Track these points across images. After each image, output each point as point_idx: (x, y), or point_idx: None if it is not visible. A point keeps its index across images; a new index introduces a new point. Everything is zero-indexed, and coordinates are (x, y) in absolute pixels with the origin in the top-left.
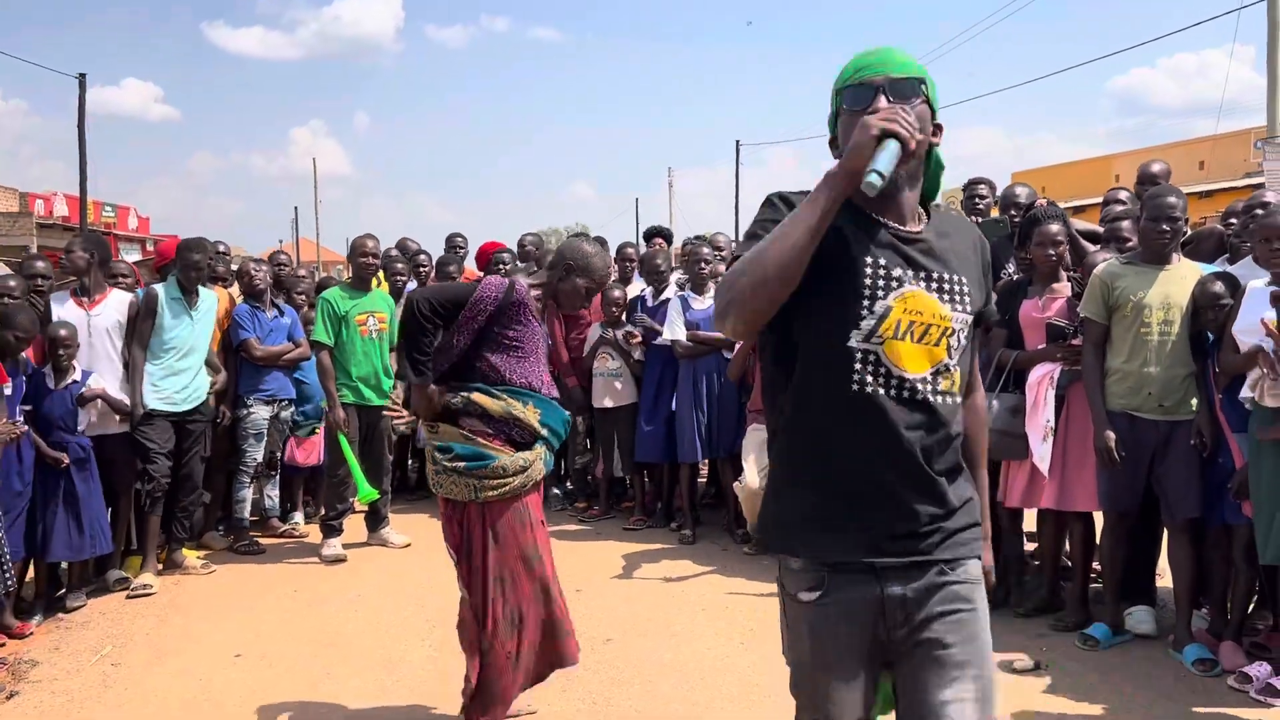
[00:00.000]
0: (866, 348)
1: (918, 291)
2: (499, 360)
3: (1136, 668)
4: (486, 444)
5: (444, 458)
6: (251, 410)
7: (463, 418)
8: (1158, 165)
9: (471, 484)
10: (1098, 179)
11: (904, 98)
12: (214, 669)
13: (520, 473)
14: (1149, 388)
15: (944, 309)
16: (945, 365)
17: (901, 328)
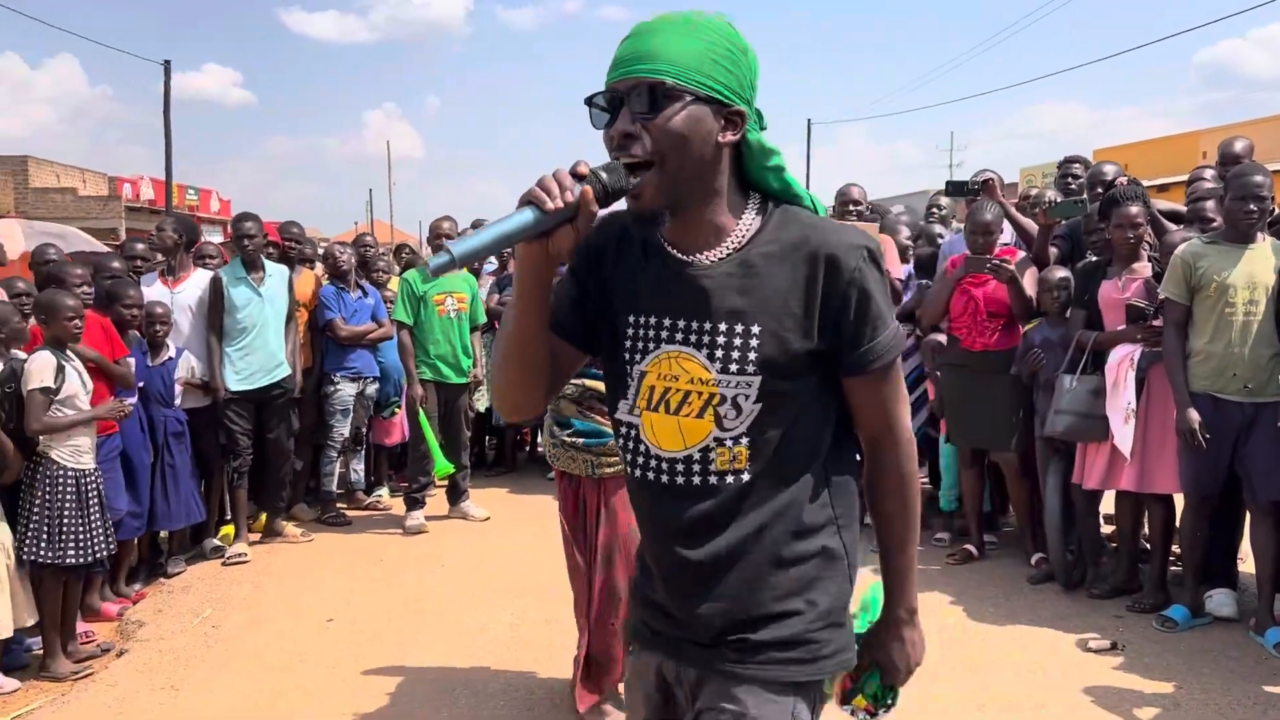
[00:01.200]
0: (630, 421)
1: (674, 352)
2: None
3: (1215, 650)
4: (601, 420)
5: (563, 432)
6: (338, 387)
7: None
8: (1240, 143)
9: (589, 460)
10: (1184, 155)
11: (643, 109)
12: (307, 633)
13: None
14: (1233, 369)
15: (707, 371)
16: (717, 439)
17: (655, 396)
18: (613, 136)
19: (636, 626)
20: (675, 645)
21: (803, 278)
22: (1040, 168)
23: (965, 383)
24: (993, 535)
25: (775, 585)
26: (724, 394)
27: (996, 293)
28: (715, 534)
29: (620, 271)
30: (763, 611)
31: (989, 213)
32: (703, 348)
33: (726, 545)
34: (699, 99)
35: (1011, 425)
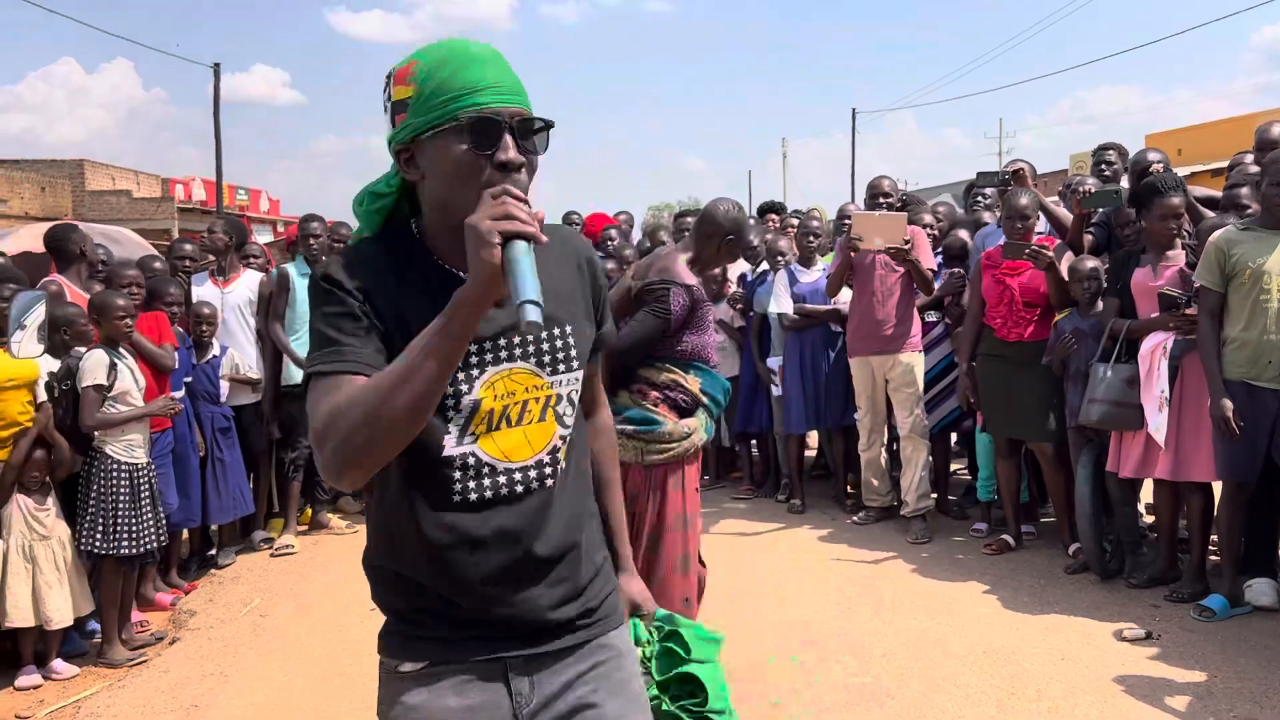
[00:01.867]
0: (462, 453)
1: (506, 370)
2: (670, 340)
3: (1254, 639)
4: (653, 409)
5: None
6: None
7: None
8: (1277, 128)
9: (639, 447)
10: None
11: (533, 147)
12: (352, 622)
13: (685, 438)
14: (1269, 356)
15: (539, 377)
16: (562, 437)
17: (495, 417)
18: (509, 162)
19: (430, 651)
20: (505, 644)
21: (580, 277)
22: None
23: (1001, 373)
24: (1030, 525)
25: (591, 552)
26: (559, 393)
27: (1033, 282)
28: (559, 524)
29: (416, 303)
30: (589, 578)
31: (1024, 197)
32: (530, 357)
33: (568, 532)
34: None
35: (1048, 415)
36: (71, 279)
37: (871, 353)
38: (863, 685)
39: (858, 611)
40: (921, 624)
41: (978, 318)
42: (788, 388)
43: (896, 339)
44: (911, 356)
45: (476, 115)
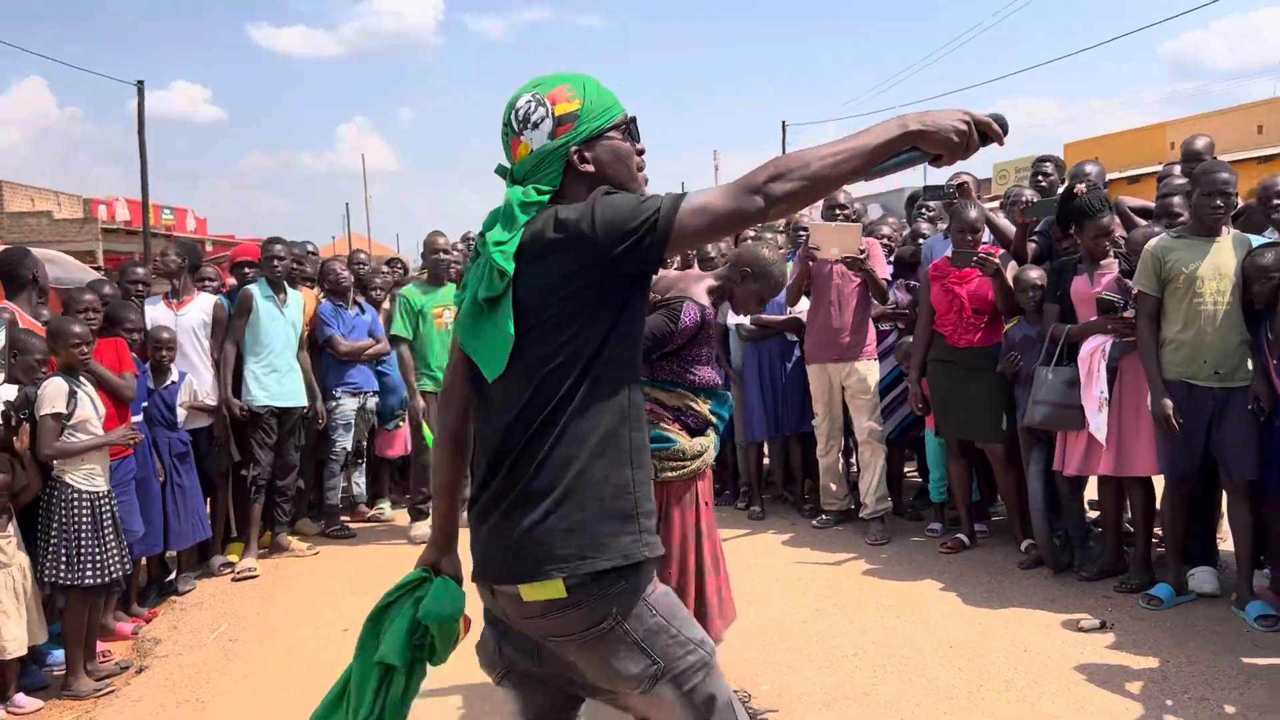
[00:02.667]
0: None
1: None
2: (678, 365)
3: (1200, 625)
4: (667, 428)
5: None
6: (339, 402)
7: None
8: (1201, 141)
9: (653, 464)
10: (1152, 147)
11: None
12: (324, 643)
13: (697, 457)
14: (1204, 356)
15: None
16: None
17: None
18: (643, 149)
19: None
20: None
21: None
22: (1013, 163)
23: (952, 378)
24: (982, 524)
25: None
26: None
27: (980, 290)
28: None
29: None
30: None
31: (973, 210)
32: None
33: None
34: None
35: (997, 417)
36: (21, 305)
37: (829, 360)
38: (839, 684)
39: (826, 613)
40: (889, 622)
41: (928, 326)
42: (747, 397)
43: (853, 347)
44: (868, 364)
45: (626, 119)
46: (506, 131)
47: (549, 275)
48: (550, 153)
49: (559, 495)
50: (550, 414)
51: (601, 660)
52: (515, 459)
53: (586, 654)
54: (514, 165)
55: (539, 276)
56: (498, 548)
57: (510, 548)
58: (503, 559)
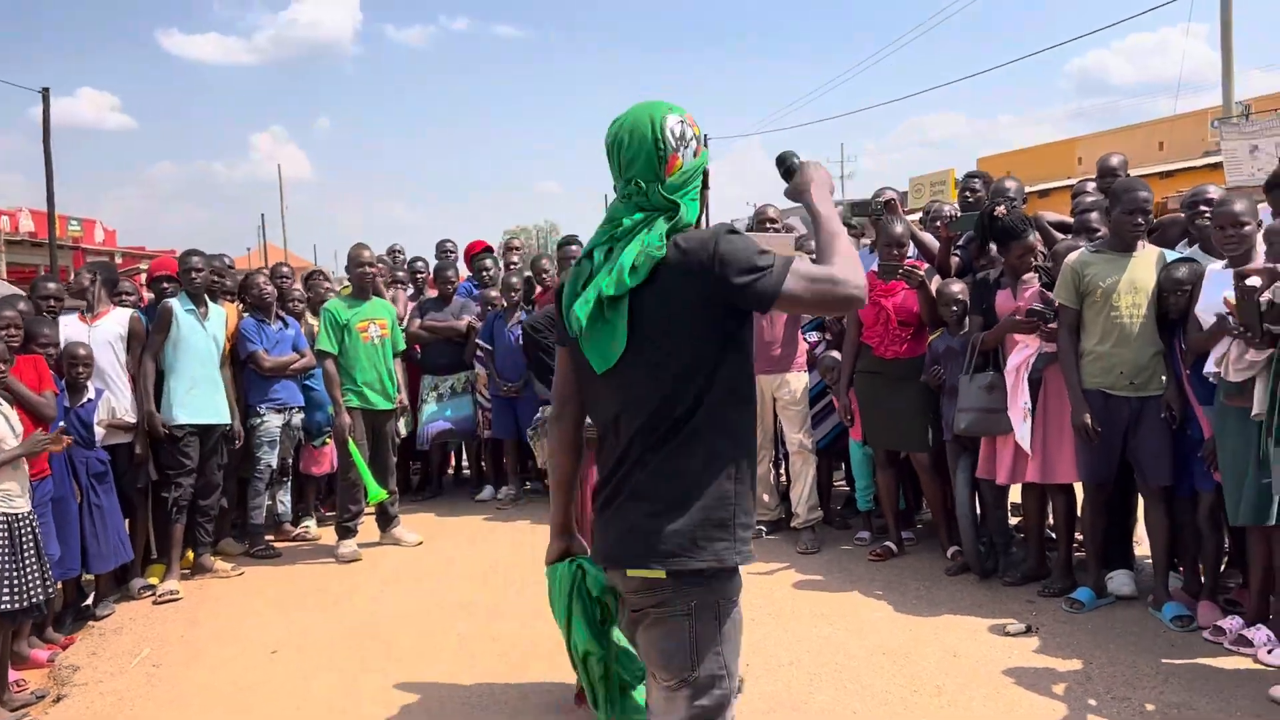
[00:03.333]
0: None
1: None
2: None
3: (1119, 627)
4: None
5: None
6: (263, 419)
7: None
8: (1116, 158)
9: None
10: (1061, 162)
11: None
12: (252, 665)
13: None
14: (1121, 367)
15: None
16: None
17: None
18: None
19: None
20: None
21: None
22: (928, 177)
23: (878, 389)
24: (909, 532)
25: None
26: None
27: (906, 303)
28: None
29: None
30: None
31: (899, 225)
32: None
33: None
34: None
35: (923, 427)
36: None
37: (761, 373)
38: (776, 693)
39: (761, 622)
40: (823, 630)
41: (855, 338)
42: None
43: (784, 359)
44: (798, 376)
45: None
46: (659, 151)
47: (667, 295)
48: (695, 169)
49: (670, 500)
50: (670, 429)
51: (658, 640)
52: (634, 463)
53: (650, 631)
54: (664, 180)
55: (657, 294)
56: (613, 535)
57: (622, 537)
58: (616, 545)
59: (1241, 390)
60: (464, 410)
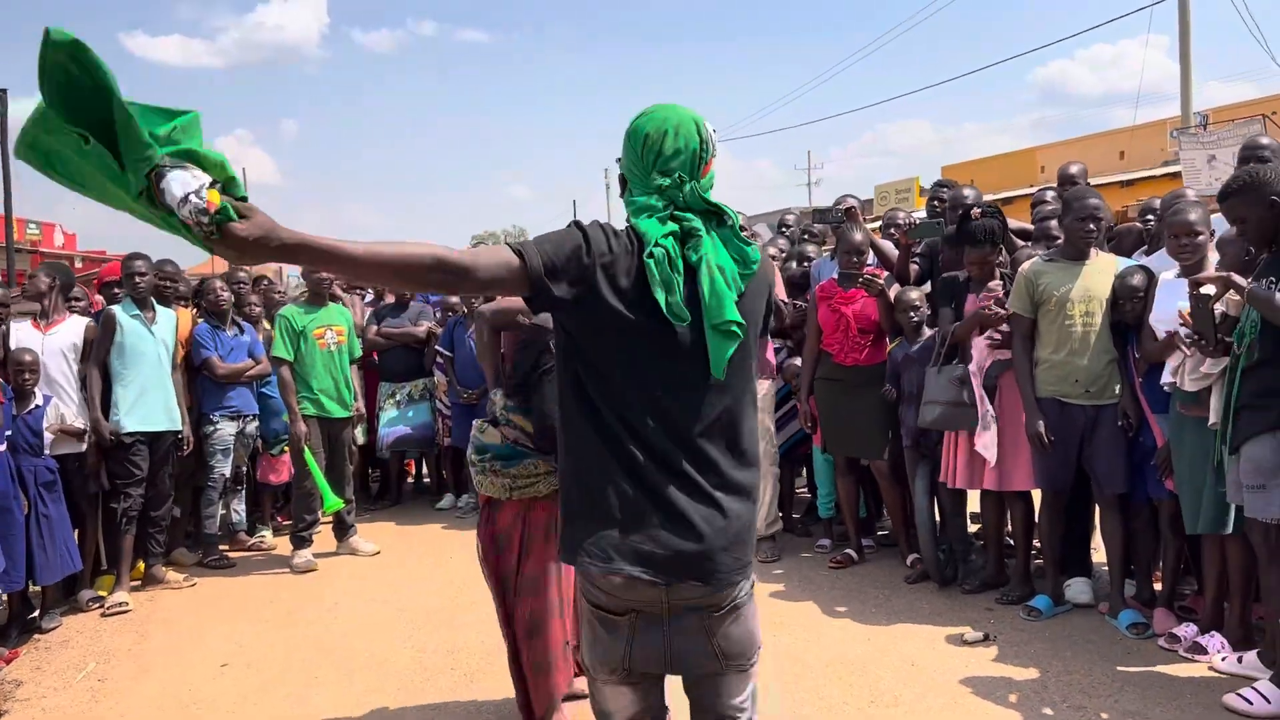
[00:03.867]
0: None
1: None
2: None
3: (1077, 635)
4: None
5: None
6: (217, 427)
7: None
8: (1075, 167)
9: (507, 483)
10: (1024, 170)
11: None
12: (202, 680)
13: (550, 473)
14: (1075, 376)
15: None
16: None
17: None
18: None
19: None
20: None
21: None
22: (893, 184)
23: (838, 396)
24: (869, 539)
25: None
26: None
27: (866, 310)
28: None
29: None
30: None
31: (859, 234)
32: None
33: None
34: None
35: (882, 434)
36: None
37: None
38: None
39: None
40: (780, 639)
41: (815, 345)
42: None
43: None
44: (764, 384)
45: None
46: (701, 152)
47: (752, 304)
48: (713, 175)
49: (752, 491)
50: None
51: (739, 630)
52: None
53: (736, 624)
54: (702, 181)
55: (743, 304)
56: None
57: (727, 545)
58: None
59: (1198, 399)
60: (423, 417)
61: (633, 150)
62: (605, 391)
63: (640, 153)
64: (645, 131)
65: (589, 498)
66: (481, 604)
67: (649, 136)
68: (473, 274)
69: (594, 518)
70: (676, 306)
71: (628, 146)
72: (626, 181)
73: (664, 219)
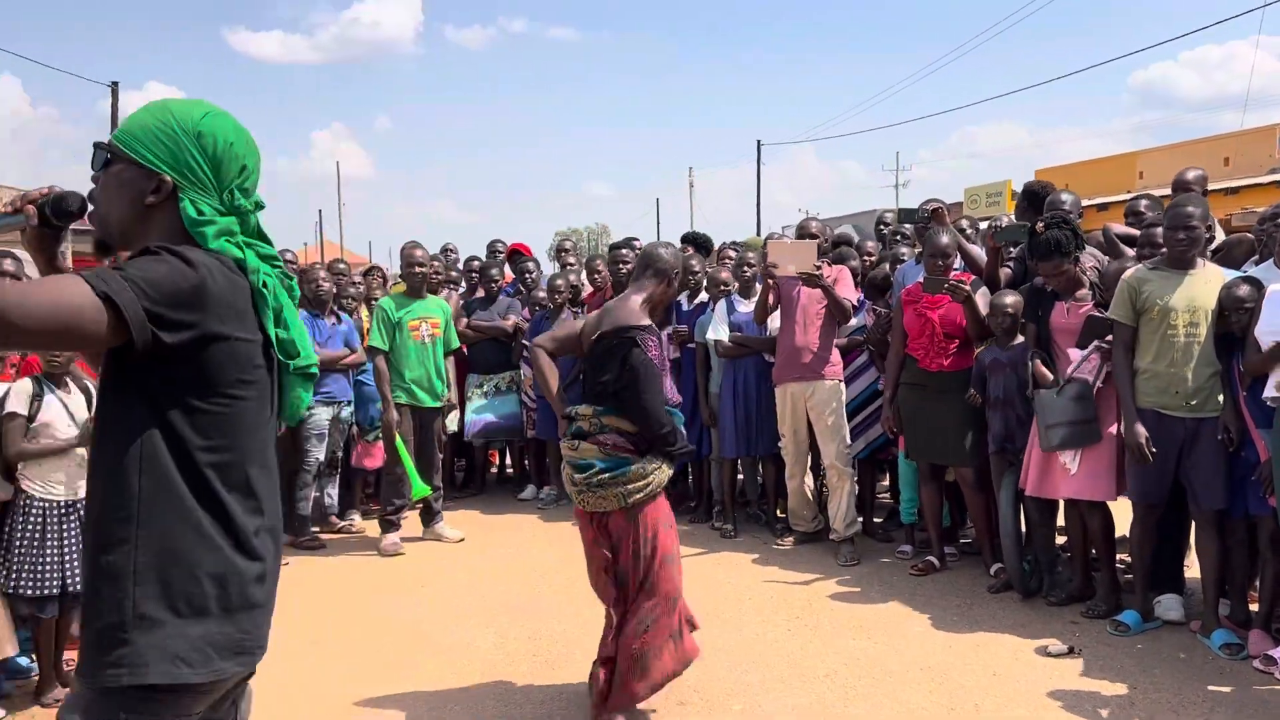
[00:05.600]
0: None
1: None
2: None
3: (1166, 652)
4: (617, 453)
5: (582, 474)
6: (312, 412)
7: (600, 435)
8: (1192, 173)
9: (619, 493)
10: (1122, 176)
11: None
12: (295, 655)
13: (655, 471)
14: (1176, 387)
15: None
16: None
17: None
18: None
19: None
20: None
21: None
22: (984, 187)
23: (923, 401)
24: (952, 547)
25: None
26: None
27: (952, 315)
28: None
29: None
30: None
31: (945, 236)
32: None
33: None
34: (132, 164)
35: (967, 441)
36: None
37: (791, 380)
38: (809, 706)
39: (798, 633)
40: (859, 644)
41: (900, 349)
42: (722, 413)
43: (815, 366)
44: (831, 384)
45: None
46: (256, 173)
47: None
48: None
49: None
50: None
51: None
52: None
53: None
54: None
55: None
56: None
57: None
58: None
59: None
60: (509, 408)
61: (205, 154)
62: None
63: (220, 160)
64: (225, 138)
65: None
66: (562, 594)
67: (230, 144)
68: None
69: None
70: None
71: (193, 147)
72: (174, 190)
73: (243, 244)
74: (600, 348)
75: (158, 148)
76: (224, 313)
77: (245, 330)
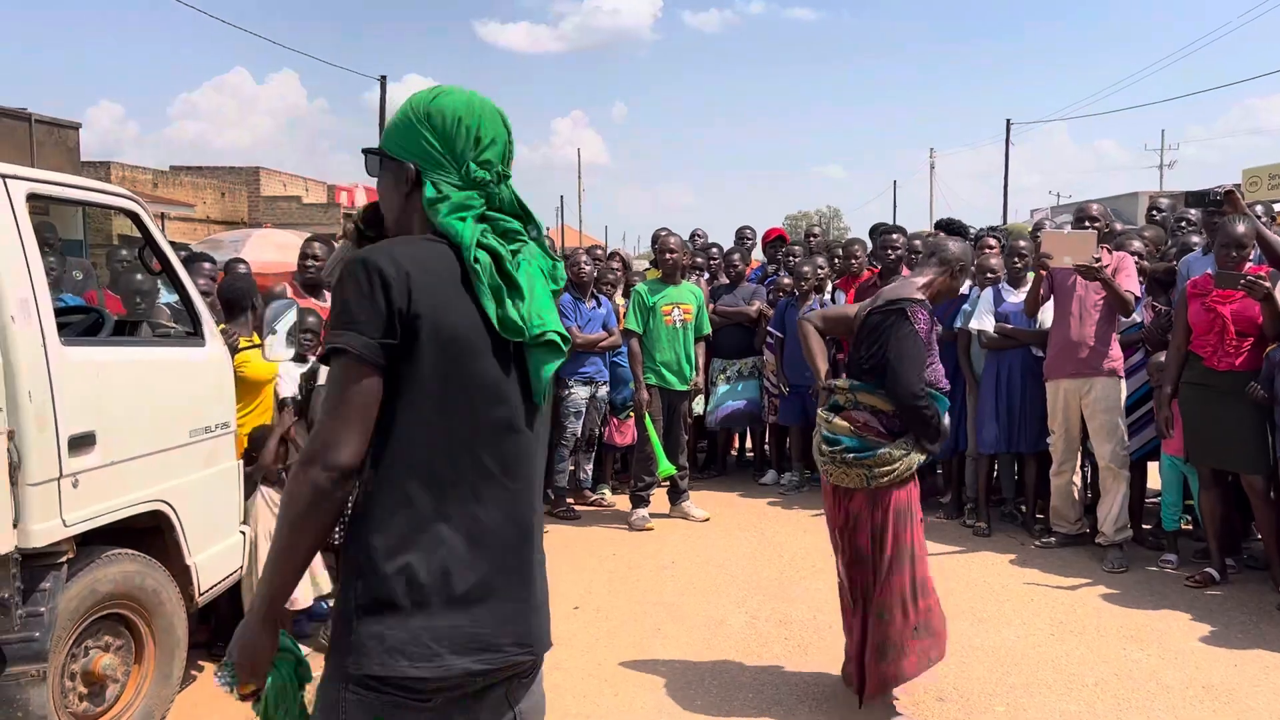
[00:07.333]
0: None
1: None
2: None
3: None
4: (867, 435)
5: (830, 449)
6: (571, 390)
7: (853, 411)
8: None
9: (863, 473)
10: None
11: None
12: (557, 619)
13: (904, 457)
14: None
15: None
16: None
17: None
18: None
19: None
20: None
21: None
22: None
23: (1208, 402)
24: (1233, 559)
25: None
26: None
27: (1246, 310)
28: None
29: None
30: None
31: (1242, 224)
32: None
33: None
34: (389, 160)
35: (1258, 446)
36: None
37: (1066, 375)
38: (1080, 713)
39: (1062, 638)
40: (1131, 654)
41: (1182, 346)
42: (981, 407)
43: (1092, 361)
44: (1109, 380)
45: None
46: (510, 145)
47: None
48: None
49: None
50: None
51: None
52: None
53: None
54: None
55: None
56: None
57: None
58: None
59: None
60: (751, 394)
61: (436, 132)
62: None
63: (451, 136)
64: (453, 113)
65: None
66: (810, 579)
67: (458, 119)
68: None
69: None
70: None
71: (424, 129)
72: (418, 175)
73: (478, 219)
74: (869, 323)
75: (401, 138)
76: (420, 299)
77: (454, 313)
